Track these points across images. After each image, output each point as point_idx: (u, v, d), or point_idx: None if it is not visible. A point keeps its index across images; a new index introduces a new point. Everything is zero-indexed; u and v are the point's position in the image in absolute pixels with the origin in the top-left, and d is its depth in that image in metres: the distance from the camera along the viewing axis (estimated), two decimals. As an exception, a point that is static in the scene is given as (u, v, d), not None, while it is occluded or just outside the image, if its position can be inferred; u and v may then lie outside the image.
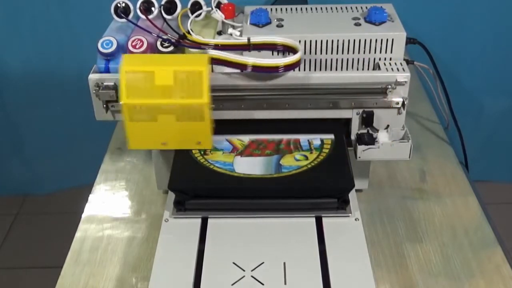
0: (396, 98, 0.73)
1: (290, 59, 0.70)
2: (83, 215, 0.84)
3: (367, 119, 0.75)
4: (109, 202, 0.87)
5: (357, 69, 0.76)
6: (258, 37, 0.73)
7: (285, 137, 0.76)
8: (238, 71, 0.72)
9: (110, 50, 0.73)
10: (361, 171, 0.81)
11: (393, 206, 0.84)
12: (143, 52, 0.73)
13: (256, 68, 0.71)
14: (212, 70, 0.73)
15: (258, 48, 0.74)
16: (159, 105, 0.68)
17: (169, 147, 0.73)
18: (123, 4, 0.78)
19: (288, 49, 0.73)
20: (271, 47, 0.74)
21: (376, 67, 0.75)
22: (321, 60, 0.75)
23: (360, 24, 0.76)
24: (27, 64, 1.47)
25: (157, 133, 0.71)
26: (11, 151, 1.66)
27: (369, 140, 0.74)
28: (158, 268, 0.64)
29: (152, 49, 0.74)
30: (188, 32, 0.74)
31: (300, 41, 0.73)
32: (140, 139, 0.72)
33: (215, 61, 0.71)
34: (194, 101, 0.68)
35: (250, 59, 0.71)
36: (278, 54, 0.74)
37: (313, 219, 0.69)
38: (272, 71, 0.71)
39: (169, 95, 0.68)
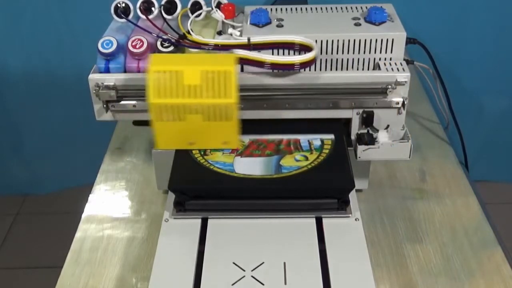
0: (396, 98, 0.73)
1: (306, 56, 0.71)
2: (83, 215, 0.84)
3: (367, 119, 0.75)
4: (109, 202, 0.87)
5: (357, 69, 0.76)
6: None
7: (285, 137, 0.76)
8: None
9: (110, 50, 0.73)
10: (361, 171, 0.81)
11: (393, 206, 0.84)
12: (143, 52, 0.73)
13: (274, 66, 0.71)
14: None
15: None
16: (187, 105, 0.68)
17: (196, 147, 0.73)
18: (123, 4, 0.78)
19: (303, 48, 0.73)
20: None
21: (376, 67, 0.75)
22: (321, 60, 0.75)
23: (360, 24, 0.76)
24: (27, 64, 1.47)
25: (184, 133, 0.71)
26: (11, 151, 1.66)
27: (369, 140, 0.74)
28: (158, 268, 0.64)
29: (152, 49, 0.74)
30: (188, 32, 0.74)
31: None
32: (167, 139, 0.72)
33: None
34: (222, 100, 0.68)
35: (269, 57, 0.71)
36: (278, 54, 0.74)
37: (313, 220, 0.69)
38: (289, 68, 0.71)
39: (197, 94, 0.68)
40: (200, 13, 0.78)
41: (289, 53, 0.74)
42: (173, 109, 0.69)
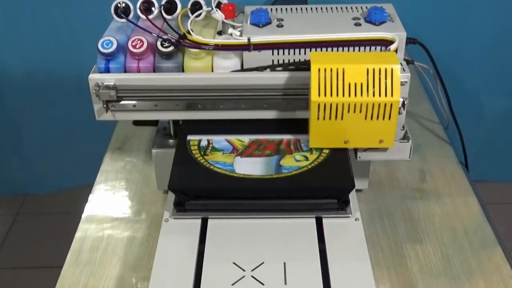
0: (396, 98, 0.73)
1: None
2: (83, 215, 0.84)
3: (367, 119, 0.75)
4: (109, 202, 0.87)
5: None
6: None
7: (285, 137, 0.76)
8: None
9: (110, 50, 0.73)
10: (361, 171, 0.81)
11: (393, 206, 0.84)
12: (143, 52, 0.73)
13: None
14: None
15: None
16: (349, 103, 0.67)
17: (351, 146, 0.72)
18: (123, 4, 0.78)
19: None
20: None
21: (376, 67, 0.75)
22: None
23: (360, 24, 0.76)
24: (27, 64, 1.47)
25: (341, 131, 0.70)
26: (11, 151, 1.66)
27: (369, 140, 0.74)
28: (158, 268, 0.64)
29: (152, 49, 0.74)
30: (188, 32, 0.74)
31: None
32: (322, 138, 0.71)
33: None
34: (385, 99, 0.67)
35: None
36: (278, 54, 0.74)
37: (313, 220, 0.69)
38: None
39: (360, 93, 0.67)
40: (200, 13, 0.78)
41: (272, 54, 0.74)
42: (333, 108, 0.68)
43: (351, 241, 0.67)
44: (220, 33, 0.77)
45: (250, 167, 0.71)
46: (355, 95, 0.67)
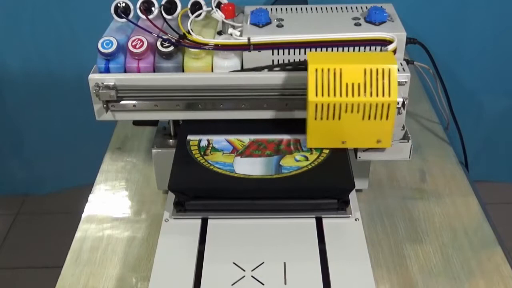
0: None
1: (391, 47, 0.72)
2: (83, 215, 0.84)
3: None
4: (109, 202, 0.87)
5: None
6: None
7: (285, 137, 0.75)
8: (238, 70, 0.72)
9: (110, 50, 0.73)
10: (361, 171, 0.81)
11: (393, 206, 0.84)
12: (143, 52, 0.73)
13: None
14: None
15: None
16: (346, 103, 0.67)
17: (348, 146, 0.72)
18: (123, 4, 0.78)
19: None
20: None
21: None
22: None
23: (360, 24, 0.76)
24: (27, 64, 1.47)
25: (338, 131, 0.70)
26: (11, 151, 1.66)
27: (369, 140, 0.74)
28: (158, 268, 0.64)
29: (152, 49, 0.74)
30: (188, 32, 0.74)
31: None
32: (320, 138, 0.71)
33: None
34: (382, 99, 0.67)
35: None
36: (278, 54, 0.74)
37: (313, 220, 0.69)
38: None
39: (357, 93, 0.67)
40: (200, 13, 0.78)
41: (272, 54, 0.74)
42: (331, 108, 0.68)
43: (351, 241, 0.67)
44: (220, 33, 0.77)
45: (250, 167, 0.71)
46: (352, 95, 0.67)
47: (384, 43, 0.73)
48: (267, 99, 0.74)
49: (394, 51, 0.72)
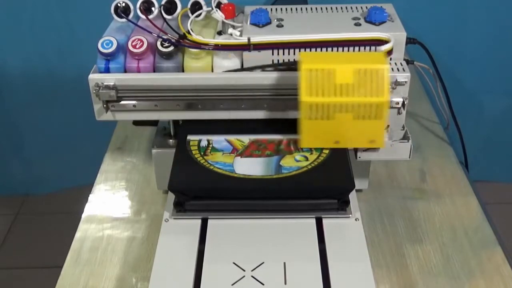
0: (396, 98, 0.73)
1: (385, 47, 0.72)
2: (83, 215, 0.84)
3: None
4: (109, 202, 0.87)
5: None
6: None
7: (285, 137, 0.76)
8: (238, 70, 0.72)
9: (110, 50, 0.73)
10: (361, 171, 0.81)
11: (393, 206, 0.84)
12: (143, 52, 0.73)
13: None
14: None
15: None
16: (338, 104, 0.68)
17: (342, 146, 0.72)
18: (123, 4, 0.78)
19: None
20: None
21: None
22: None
23: (360, 24, 0.76)
24: (27, 64, 1.47)
25: (331, 131, 0.70)
26: (11, 151, 1.66)
27: (369, 140, 0.74)
28: (158, 268, 0.64)
29: (152, 49, 0.74)
30: (188, 32, 0.74)
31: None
32: (313, 138, 0.71)
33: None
34: (374, 99, 0.67)
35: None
36: (278, 54, 0.74)
37: (313, 220, 0.69)
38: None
39: (349, 93, 0.67)
40: (200, 13, 0.78)
41: (272, 54, 0.74)
42: (324, 108, 0.68)
43: (351, 241, 0.67)
44: (220, 33, 0.77)
45: (250, 167, 0.71)
46: (345, 95, 0.67)
47: (382, 43, 0.73)
48: (267, 99, 0.74)
49: (390, 51, 0.72)
